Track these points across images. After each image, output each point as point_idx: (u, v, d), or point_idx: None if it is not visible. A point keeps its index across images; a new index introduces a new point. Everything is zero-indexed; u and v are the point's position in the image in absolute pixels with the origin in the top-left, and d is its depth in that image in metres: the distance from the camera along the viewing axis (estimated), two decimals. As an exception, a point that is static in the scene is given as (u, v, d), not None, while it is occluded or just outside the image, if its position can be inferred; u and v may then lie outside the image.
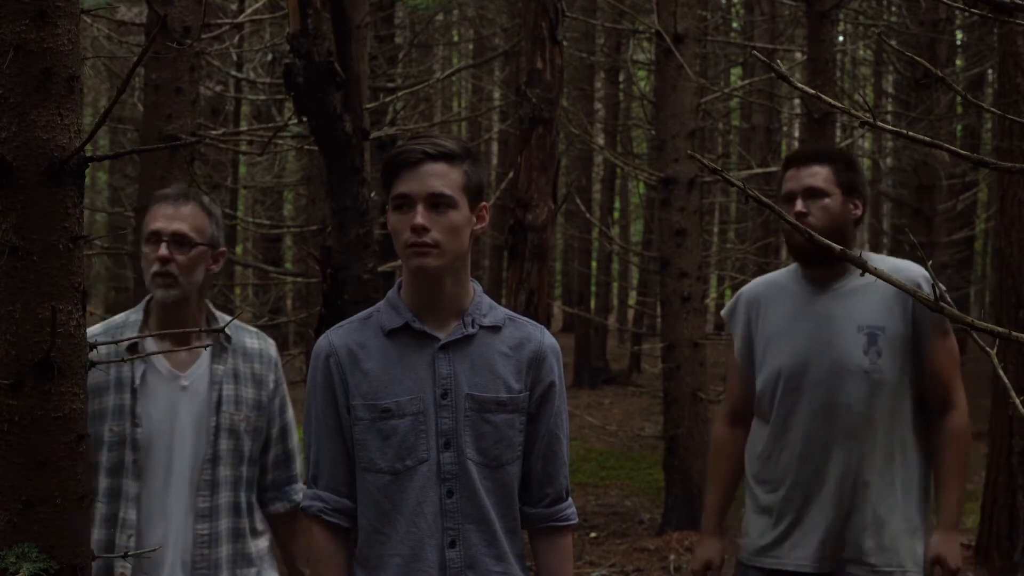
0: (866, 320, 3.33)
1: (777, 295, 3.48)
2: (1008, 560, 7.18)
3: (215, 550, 3.08)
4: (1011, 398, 1.73)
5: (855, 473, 3.33)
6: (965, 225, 16.82)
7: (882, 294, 3.33)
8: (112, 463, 3.04)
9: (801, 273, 3.46)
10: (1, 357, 1.85)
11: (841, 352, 3.33)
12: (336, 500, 2.62)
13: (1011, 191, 7.25)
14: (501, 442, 2.60)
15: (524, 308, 5.49)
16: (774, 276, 3.60)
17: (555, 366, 2.68)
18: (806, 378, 3.35)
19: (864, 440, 3.33)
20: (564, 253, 22.20)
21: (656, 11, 8.89)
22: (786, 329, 3.42)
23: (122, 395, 3.05)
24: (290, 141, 9.89)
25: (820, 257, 3.37)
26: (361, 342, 2.61)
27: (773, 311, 3.47)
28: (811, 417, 3.35)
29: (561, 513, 2.70)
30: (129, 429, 3.03)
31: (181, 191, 3.21)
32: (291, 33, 4.80)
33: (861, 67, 19.34)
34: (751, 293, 3.56)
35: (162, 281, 3.07)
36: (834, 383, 3.33)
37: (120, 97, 1.92)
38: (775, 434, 3.42)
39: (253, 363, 3.20)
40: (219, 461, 3.09)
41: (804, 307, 3.41)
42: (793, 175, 3.43)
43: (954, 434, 3.39)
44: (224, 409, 3.10)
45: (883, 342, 3.32)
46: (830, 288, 3.40)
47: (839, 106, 1.86)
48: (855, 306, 3.35)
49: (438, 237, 2.53)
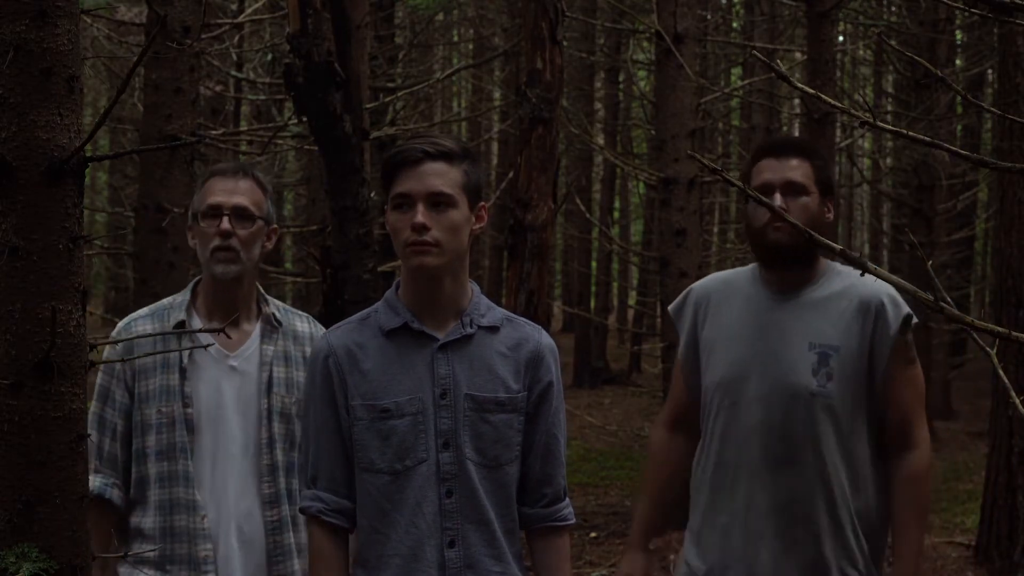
0: (820, 338, 2.98)
1: (730, 296, 3.13)
2: (1008, 560, 7.18)
3: (286, 536, 3.00)
4: (1011, 398, 1.73)
5: (794, 506, 2.96)
6: (965, 225, 16.83)
7: (841, 311, 3.00)
8: (163, 446, 2.95)
9: (761, 276, 3.12)
10: (1, 357, 1.85)
11: (785, 369, 2.98)
12: (335, 500, 2.61)
13: (1011, 191, 7.25)
14: (500, 442, 2.60)
15: (524, 308, 5.49)
16: (730, 275, 3.24)
17: (553, 366, 2.68)
18: (745, 392, 3.00)
19: (806, 470, 2.95)
20: (564, 253, 22.19)
21: (656, 11, 8.89)
22: (732, 335, 3.08)
23: (170, 376, 2.97)
24: (290, 141, 9.88)
25: (792, 261, 3.04)
26: (360, 342, 2.61)
27: (723, 313, 3.12)
28: (746, 437, 3.00)
29: (559, 513, 2.70)
30: (180, 410, 2.95)
31: (238, 166, 3.14)
32: (291, 33, 4.80)
33: (861, 67, 19.34)
34: (702, 290, 3.20)
35: (224, 256, 2.98)
36: (775, 402, 2.97)
37: (120, 97, 1.92)
38: (707, 450, 3.10)
39: (304, 347, 3.10)
40: (275, 445, 3.01)
41: (756, 314, 3.07)
42: (771, 165, 3.05)
43: (913, 477, 3.01)
44: (276, 391, 3.03)
45: (835, 363, 2.97)
46: (790, 297, 3.05)
47: (839, 106, 1.86)
48: (811, 321, 3.01)
49: (438, 236, 2.53)
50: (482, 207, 2.63)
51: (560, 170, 6.03)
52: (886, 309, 3.00)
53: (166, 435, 2.96)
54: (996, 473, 7.28)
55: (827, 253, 2.94)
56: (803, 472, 2.96)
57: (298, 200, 17.39)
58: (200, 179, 3.13)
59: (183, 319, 3.03)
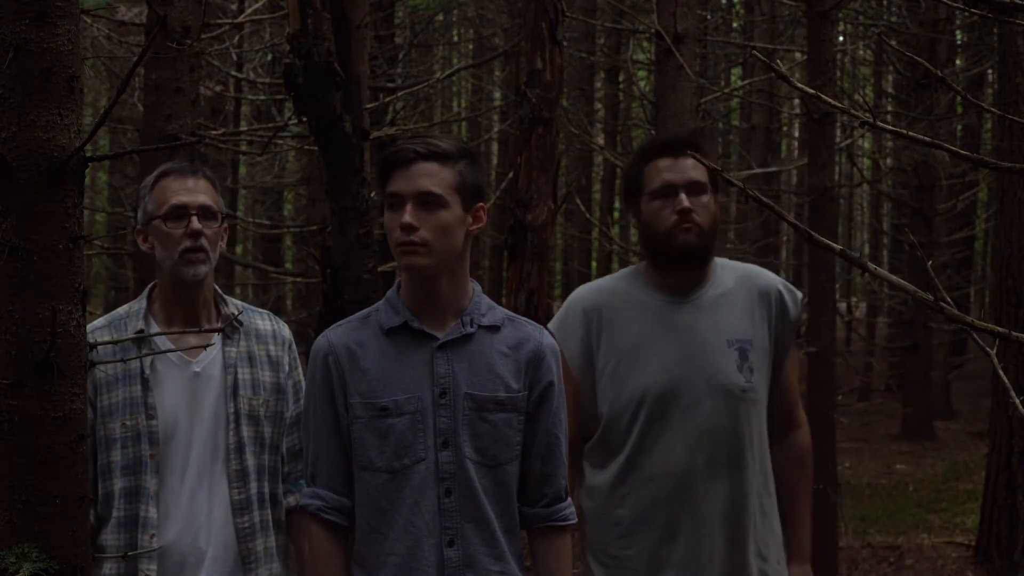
0: (734, 333, 2.96)
1: (623, 306, 3.01)
2: (1008, 560, 7.18)
3: (258, 542, 2.92)
4: (1011, 398, 1.73)
5: (739, 508, 2.93)
6: (965, 225, 16.83)
7: (741, 304, 2.99)
8: (128, 461, 2.84)
9: (651, 280, 3.02)
10: (1, 357, 1.85)
11: (715, 370, 2.93)
12: (335, 499, 2.61)
13: (1011, 191, 7.25)
14: (499, 441, 2.60)
15: (524, 308, 5.48)
16: (608, 284, 3.11)
17: (554, 366, 2.68)
18: (677, 401, 2.92)
19: (744, 469, 2.93)
20: (564, 253, 22.20)
21: (656, 11, 8.88)
22: (646, 345, 2.96)
23: (132, 388, 2.87)
24: (290, 141, 9.89)
25: (698, 262, 2.98)
26: (360, 341, 2.61)
27: (623, 324, 2.99)
28: (685, 446, 2.91)
29: (560, 513, 2.70)
30: (144, 423, 2.85)
31: (190, 165, 3.06)
32: (291, 33, 4.79)
33: (861, 67, 19.34)
34: (589, 302, 3.04)
35: (194, 257, 2.89)
36: (711, 405, 2.92)
37: (120, 97, 1.92)
38: (631, 467, 2.95)
39: (268, 345, 3.04)
40: (244, 449, 2.92)
41: (664, 319, 2.97)
42: (671, 165, 2.94)
43: (803, 454, 3.09)
44: (242, 394, 2.94)
45: (753, 357, 2.96)
46: (691, 298, 2.99)
47: (839, 106, 1.86)
48: (721, 318, 2.97)
49: (426, 236, 2.53)
50: (480, 207, 2.62)
51: (560, 170, 6.03)
52: (784, 296, 3.03)
53: (131, 449, 2.85)
54: (996, 473, 7.28)
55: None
56: (746, 472, 2.94)
57: (298, 200, 17.38)
58: (149, 180, 3.00)
59: (141, 327, 2.93)
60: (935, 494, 11.02)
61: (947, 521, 9.54)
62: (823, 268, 7.92)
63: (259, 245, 16.62)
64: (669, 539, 2.92)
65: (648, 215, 2.96)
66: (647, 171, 2.99)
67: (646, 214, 2.97)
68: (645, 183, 2.98)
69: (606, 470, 3.00)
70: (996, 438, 7.35)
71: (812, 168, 8.56)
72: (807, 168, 9.37)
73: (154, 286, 3.03)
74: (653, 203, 2.96)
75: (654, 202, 2.96)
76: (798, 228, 1.74)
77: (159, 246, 2.94)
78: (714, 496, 2.92)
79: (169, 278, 2.95)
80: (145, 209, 2.98)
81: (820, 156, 8.16)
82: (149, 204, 2.96)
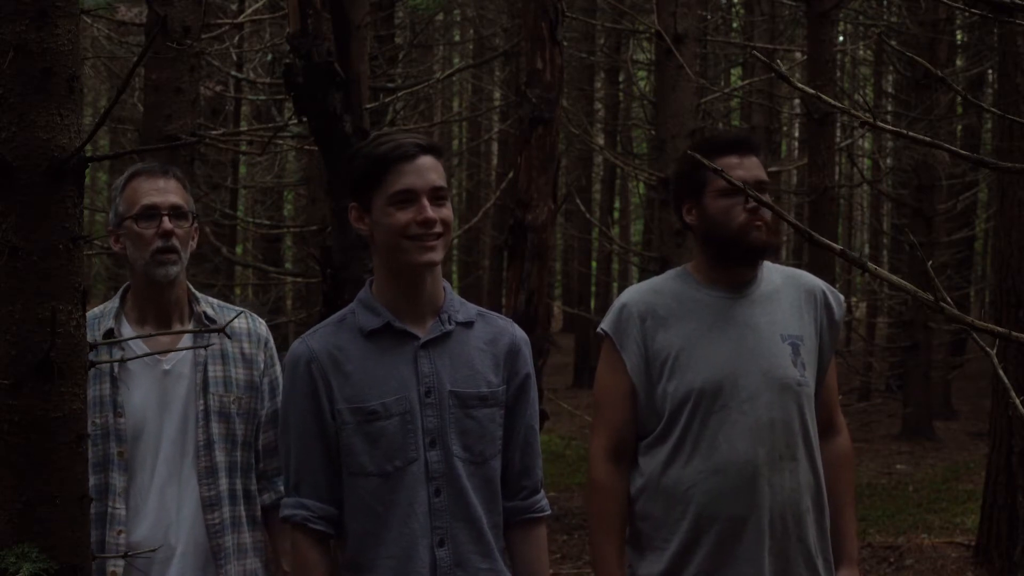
0: (787, 329, 2.98)
1: (676, 304, 3.01)
2: (1008, 560, 7.18)
3: (228, 538, 2.94)
4: (1011, 398, 1.73)
5: (795, 502, 2.93)
6: (965, 225, 16.82)
7: (791, 302, 3.02)
8: (97, 458, 2.86)
9: (706, 278, 3.03)
10: (1, 357, 1.85)
11: (772, 363, 2.94)
12: (321, 507, 2.58)
13: (1011, 191, 7.25)
14: (484, 437, 2.61)
15: (524, 308, 5.48)
16: (658, 283, 3.11)
17: (528, 357, 2.70)
18: (736, 393, 2.92)
19: (800, 463, 2.94)
20: (564, 253, 22.21)
21: (656, 11, 8.89)
22: (703, 340, 2.96)
23: (102, 386, 2.88)
24: (290, 141, 9.88)
25: (762, 259, 3.01)
26: (339, 345, 2.58)
27: (678, 321, 2.99)
28: (744, 438, 2.91)
29: (537, 505, 2.72)
30: (112, 420, 2.87)
31: (161, 165, 3.06)
32: (291, 33, 4.79)
33: (861, 67, 19.34)
34: (642, 303, 3.03)
35: (165, 258, 2.90)
36: (769, 398, 2.92)
37: (120, 97, 1.92)
38: (689, 460, 2.93)
39: (242, 343, 3.04)
40: (213, 446, 2.93)
41: (721, 314, 2.98)
42: (739, 164, 2.96)
43: (847, 458, 3.13)
44: (212, 391, 2.95)
45: (804, 352, 2.98)
46: (744, 294, 3.01)
47: (839, 106, 1.86)
48: (774, 314, 2.99)
49: (441, 231, 2.54)
50: None
51: (560, 170, 6.03)
52: (828, 298, 3.07)
53: (101, 447, 2.87)
54: (996, 473, 7.27)
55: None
56: (799, 466, 2.95)
57: (298, 200, 17.38)
58: (120, 181, 3.02)
59: (112, 327, 2.94)
60: (935, 494, 11.01)
61: (947, 521, 9.54)
62: (823, 268, 7.92)
63: (259, 245, 16.61)
64: (733, 533, 2.90)
65: (716, 213, 2.96)
66: (698, 168, 2.96)
67: (713, 211, 2.97)
68: (710, 180, 2.97)
69: (670, 466, 2.97)
70: (996, 438, 7.35)
71: (812, 168, 8.58)
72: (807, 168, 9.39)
73: (128, 286, 3.04)
74: (721, 201, 2.96)
75: (722, 200, 2.96)
76: (798, 228, 1.74)
77: (131, 247, 2.96)
78: (771, 492, 2.91)
79: (141, 278, 2.97)
80: (116, 210, 3.00)
81: (820, 156, 8.18)
82: (120, 205, 2.98)
